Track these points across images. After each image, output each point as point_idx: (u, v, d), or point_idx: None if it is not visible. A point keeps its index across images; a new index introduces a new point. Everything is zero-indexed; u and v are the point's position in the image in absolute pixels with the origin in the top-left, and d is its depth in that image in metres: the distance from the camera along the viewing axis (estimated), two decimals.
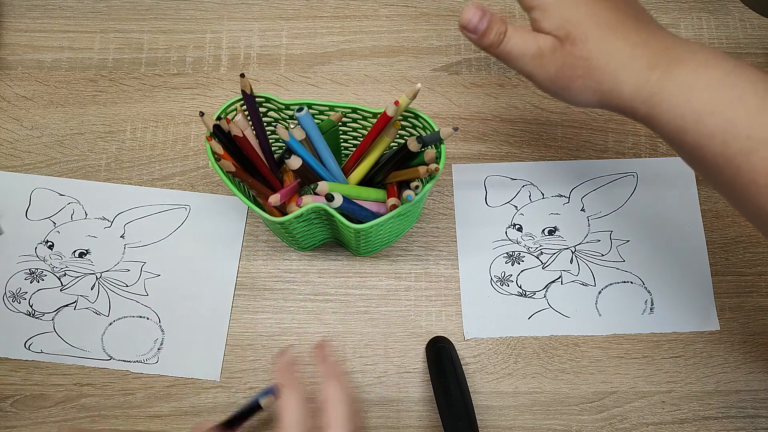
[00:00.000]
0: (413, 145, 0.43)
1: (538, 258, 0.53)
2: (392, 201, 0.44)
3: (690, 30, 0.60)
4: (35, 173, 0.55)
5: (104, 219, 0.54)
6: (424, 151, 0.44)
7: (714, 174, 0.32)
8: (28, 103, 0.57)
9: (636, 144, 0.56)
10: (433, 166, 0.42)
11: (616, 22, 0.33)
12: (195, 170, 0.56)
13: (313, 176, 0.44)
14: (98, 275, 0.52)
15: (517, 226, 0.54)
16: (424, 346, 0.50)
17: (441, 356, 0.48)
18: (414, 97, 0.41)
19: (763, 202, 0.30)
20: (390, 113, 0.42)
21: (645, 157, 0.56)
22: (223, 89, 0.58)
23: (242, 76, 0.42)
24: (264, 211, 0.43)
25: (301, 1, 0.61)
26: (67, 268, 0.52)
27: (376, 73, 0.59)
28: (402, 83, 0.58)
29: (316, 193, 0.41)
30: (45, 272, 0.52)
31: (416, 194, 0.43)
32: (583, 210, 0.54)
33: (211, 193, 0.55)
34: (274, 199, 0.41)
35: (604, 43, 0.33)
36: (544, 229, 0.54)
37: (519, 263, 0.53)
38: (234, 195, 0.54)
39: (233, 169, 0.42)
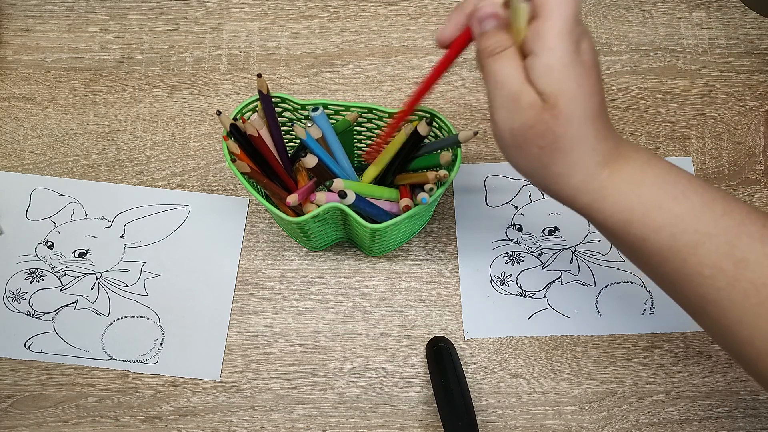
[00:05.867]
0: (423, 128, 0.43)
1: (538, 258, 0.53)
2: (405, 202, 0.44)
3: (690, 30, 0.60)
4: (35, 173, 0.55)
5: (104, 219, 0.54)
6: (440, 153, 0.44)
7: (655, 265, 0.33)
8: (28, 103, 0.57)
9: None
10: (441, 172, 0.42)
11: (598, 111, 0.32)
12: (195, 170, 0.56)
13: (328, 174, 0.45)
14: (98, 275, 0.52)
15: (517, 226, 0.54)
16: (424, 346, 0.50)
17: (441, 356, 0.48)
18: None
19: (704, 291, 0.32)
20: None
21: None
22: (223, 89, 0.58)
23: (259, 76, 0.42)
24: (279, 210, 0.43)
25: (301, 1, 0.61)
26: (67, 268, 0.52)
27: (376, 73, 0.59)
28: (402, 83, 0.58)
29: (330, 190, 0.41)
30: (45, 272, 0.52)
31: (430, 196, 0.43)
32: None
33: (211, 193, 0.55)
34: (293, 199, 0.41)
35: (580, 130, 0.32)
36: (544, 229, 0.54)
37: (519, 263, 0.53)
38: (234, 195, 0.55)
39: (248, 170, 0.42)
